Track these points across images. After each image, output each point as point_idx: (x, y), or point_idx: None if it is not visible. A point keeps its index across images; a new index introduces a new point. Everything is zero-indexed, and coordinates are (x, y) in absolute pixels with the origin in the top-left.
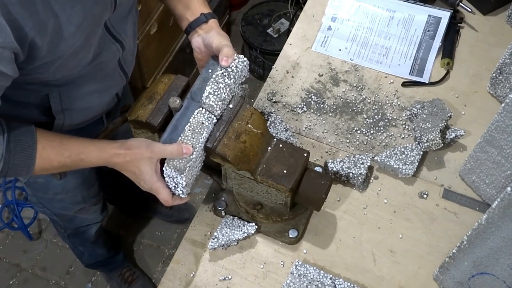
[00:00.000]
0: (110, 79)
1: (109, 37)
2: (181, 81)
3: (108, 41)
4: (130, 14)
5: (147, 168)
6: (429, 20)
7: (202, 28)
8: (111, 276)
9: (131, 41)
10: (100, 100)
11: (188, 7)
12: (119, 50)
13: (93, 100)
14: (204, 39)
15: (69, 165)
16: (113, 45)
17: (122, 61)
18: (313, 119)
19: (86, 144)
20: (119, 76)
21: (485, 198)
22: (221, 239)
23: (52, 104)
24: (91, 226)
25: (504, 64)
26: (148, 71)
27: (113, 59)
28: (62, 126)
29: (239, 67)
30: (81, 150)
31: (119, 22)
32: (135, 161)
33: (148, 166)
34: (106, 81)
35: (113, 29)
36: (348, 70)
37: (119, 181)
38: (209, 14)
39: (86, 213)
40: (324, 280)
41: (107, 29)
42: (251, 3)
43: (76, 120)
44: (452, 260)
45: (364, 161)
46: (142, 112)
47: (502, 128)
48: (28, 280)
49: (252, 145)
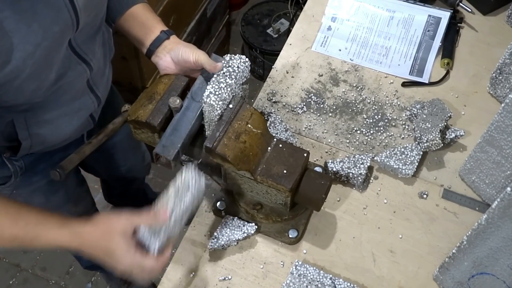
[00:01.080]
0: (78, 102)
1: (75, 57)
2: (181, 81)
3: (74, 61)
4: (98, 35)
5: (121, 244)
6: (429, 20)
7: (166, 46)
8: (111, 276)
9: (101, 62)
10: (70, 123)
11: (146, 27)
12: (85, 71)
13: (62, 124)
14: (174, 56)
15: (21, 240)
16: (79, 66)
17: (91, 83)
18: (313, 119)
19: (47, 216)
20: (89, 99)
21: (485, 198)
22: (221, 239)
23: (18, 130)
24: None
25: (504, 64)
26: (148, 71)
27: (79, 80)
28: (30, 149)
29: (241, 68)
30: (40, 221)
31: (86, 42)
32: (106, 236)
33: (122, 241)
34: (74, 104)
35: (79, 49)
36: (348, 70)
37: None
38: (168, 31)
39: None
40: (324, 280)
41: (72, 48)
42: (251, 3)
43: (45, 144)
44: (452, 260)
45: (364, 161)
46: (142, 112)
47: (502, 128)
48: (28, 280)
49: (252, 145)
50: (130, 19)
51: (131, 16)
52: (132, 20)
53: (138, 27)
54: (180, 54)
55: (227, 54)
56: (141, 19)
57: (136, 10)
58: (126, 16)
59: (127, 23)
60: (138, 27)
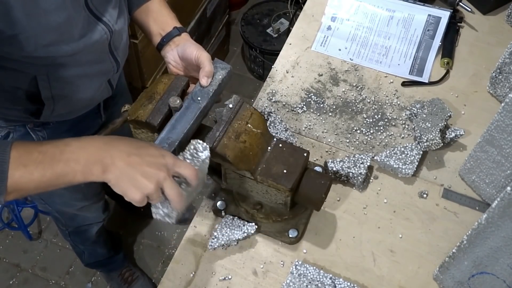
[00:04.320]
0: (100, 64)
1: (93, 18)
2: (181, 81)
3: (93, 22)
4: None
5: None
6: (428, 19)
7: (175, 41)
8: (111, 276)
9: (119, 26)
10: (90, 85)
11: (159, 22)
12: (106, 32)
13: (83, 85)
14: (180, 51)
15: (47, 161)
16: (98, 26)
17: (112, 47)
18: (313, 119)
19: (69, 140)
20: (109, 62)
21: (485, 198)
22: (221, 239)
23: (41, 89)
24: (92, 226)
25: (504, 64)
26: (148, 71)
27: (100, 42)
28: (52, 114)
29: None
30: (64, 142)
31: (102, 4)
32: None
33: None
34: (95, 66)
35: (95, 10)
36: (348, 70)
37: None
38: (181, 28)
39: (88, 212)
40: (324, 280)
41: (89, 9)
42: (250, 3)
43: (67, 107)
44: (452, 260)
45: (364, 160)
46: (142, 112)
47: (502, 127)
48: (28, 280)
49: (252, 145)
50: (145, 13)
51: (147, 10)
52: (147, 13)
53: (152, 21)
54: (185, 49)
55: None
56: (156, 14)
57: (152, 4)
58: (142, 9)
59: (142, 16)
60: (153, 21)
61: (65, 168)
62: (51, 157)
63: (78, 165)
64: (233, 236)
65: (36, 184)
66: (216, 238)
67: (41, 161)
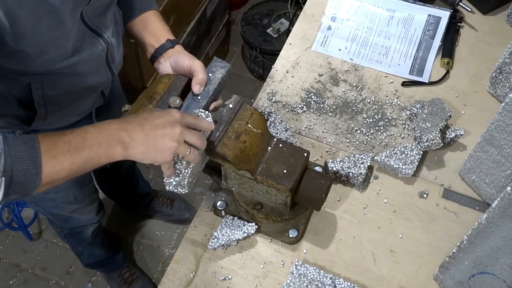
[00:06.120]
0: (96, 76)
1: (88, 31)
2: (181, 81)
3: (88, 35)
4: (109, 11)
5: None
6: (429, 19)
7: (168, 53)
8: (111, 276)
9: (115, 39)
10: (83, 95)
11: (153, 34)
12: (101, 45)
13: (75, 94)
14: (172, 62)
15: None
16: (94, 39)
17: (109, 59)
18: (313, 119)
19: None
20: (105, 74)
21: (485, 198)
22: (221, 239)
23: (34, 96)
24: (87, 227)
25: (504, 64)
26: (148, 71)
27: (97, 54)
28: (44, 122)
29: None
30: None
31: (97, 17)
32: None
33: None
34: (91, 77)
35: (90, 23)
36: (348, 70)
37: (115, 176)
38: (174, 40)
39: (81, 214)
40: (324, 280)
41: (84, 22)
42: (251, 3)
43: (59, 115)
44: (452, 260)
45: (364, 161)
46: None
47: (502, 127)
48: (28, 280)
49: (252, 145)
50: (140, 25)
51: (141, 22)
52: (141, 26)
53: (146, 33)
54: (178, 59)
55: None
56: (150, 27)
57: (147, 17)
58: (136, 21)
59: (136, 28)
60: (147, 33)
61: (90, 153)
62: (76, 145)
63: (101, 148)
64: (233, 236)
65: (66, 172)
66: (216, 238)
67: (68, 150)
